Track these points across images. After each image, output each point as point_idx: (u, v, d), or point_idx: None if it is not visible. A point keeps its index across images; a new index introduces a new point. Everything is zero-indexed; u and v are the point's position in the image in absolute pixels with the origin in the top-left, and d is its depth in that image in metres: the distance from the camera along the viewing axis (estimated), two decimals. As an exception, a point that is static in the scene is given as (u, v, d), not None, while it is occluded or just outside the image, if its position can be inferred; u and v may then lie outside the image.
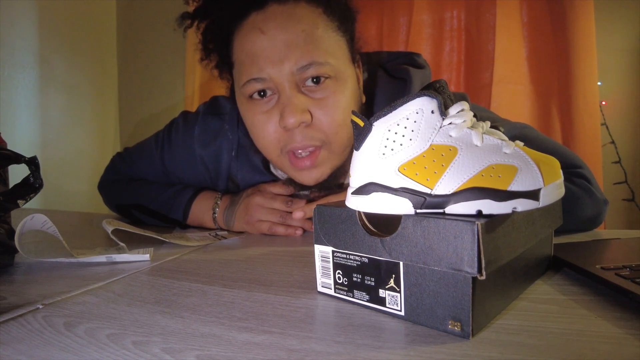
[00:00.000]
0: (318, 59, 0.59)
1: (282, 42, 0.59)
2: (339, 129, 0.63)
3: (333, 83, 0.62)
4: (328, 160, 0.65)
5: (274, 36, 0.59)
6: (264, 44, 0.60)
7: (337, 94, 0.62)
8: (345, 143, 0.65)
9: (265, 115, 0.63)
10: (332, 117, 0.62)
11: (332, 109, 0.62)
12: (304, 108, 0.60)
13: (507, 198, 0.30)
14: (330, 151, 0.65)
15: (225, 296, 0.40)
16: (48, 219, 0.50)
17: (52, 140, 1.69)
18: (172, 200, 0.77)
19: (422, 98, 0.32)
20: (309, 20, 0.60)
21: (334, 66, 0.61)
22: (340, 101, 0.62)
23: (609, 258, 0.45)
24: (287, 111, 0.59)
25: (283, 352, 0.29)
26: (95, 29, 1.92)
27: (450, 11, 1.52)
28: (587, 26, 1.31)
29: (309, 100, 0.61)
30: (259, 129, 0.65)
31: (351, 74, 0.66)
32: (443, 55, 1.53)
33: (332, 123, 0.62)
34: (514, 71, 1.41)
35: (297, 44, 0.59)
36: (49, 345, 0.30)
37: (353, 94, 0.65)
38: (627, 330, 0.30)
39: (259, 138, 0.66)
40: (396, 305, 0.34)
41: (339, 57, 0.63)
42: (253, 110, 0.64)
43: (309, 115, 0.61)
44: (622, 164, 1.39)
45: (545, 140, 0.69)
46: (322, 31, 0.61)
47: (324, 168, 0.65)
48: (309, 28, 0.60)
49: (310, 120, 0.61)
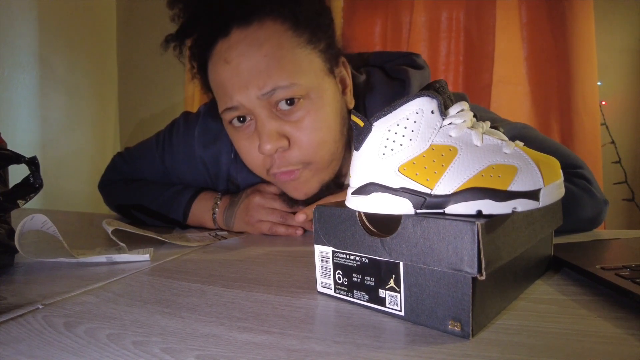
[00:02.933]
0: (281, 83, 0.57)
1: (244, 70, 0.58)
2: (318, 149, 0.62)
3: (307, 102, 0.60)
4: (312, 177, 0.64)
5: (237, 65, 0.58)
6: (228, 74, 0.59)
7: (313, 112, 0.60)
8: (327, 160, 0.64)
9: (247, 141, 0.63)
10: (309, 138, 0.60)
11: (309, 130, 0.60)
12: (279, 133, 0.59)
13: (507, 198, 0.30)
14: (313, 170, 0.64)
15: (225, 296, 0.40)
16: (48, 219, 0.50)
17: (52, 140, 1.69)
18: (172, 201, 0.77)
19: (422, 98, 0.32)
20: (272, 42, 0.58)
21: (303, 85, 0.59)
22: (318, 120, 0.61)
23: (609, 258, 0.45)
24: (263, 139, 0.59)
25: (283, 352, 0.29)
26: (95, 29, 1.92)
27: (450, 12, 1.52)
28: (587, 26, 1.31)
29: (284, 124, 0.60)
30: (244, 154, 0.66)
31: (328, 86, 0.63)
32: (443, 56, 1.53)
33: (310, 144, 0.61)
34: (514, 72, 1.41)
35: (259, 70, 0.57)
36: (49, 345, 0.30)
37: (332, 107, 0.63)
38: (627, 330, 0.30)
39: (246, 161, 0.67)
40: (396, 305, 0.34)
41: (308, 73, 0.60)
42: (236, 136, 0.65)
43: (285, 140, 0.60)
44: (622, 164, 1.39)
45: (545, 140, 0.69)
46: (286, 51, 0.59)
47: (310, 184, 0.65)
48: (271, 51, 0.58)
49: (287, 145, 0.60)
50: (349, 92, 0.68)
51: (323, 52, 0.63)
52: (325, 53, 0.63)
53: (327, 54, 0.63)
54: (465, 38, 1.52)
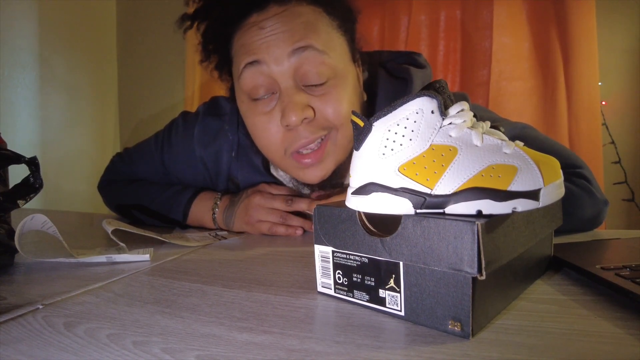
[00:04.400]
0: (316, 45, 0.59)
1: (280, 32, 0.59)
2: (344, 120, 0.62)
3: (334, 81, 0.62)
4: (333, 153, 0.64)
5: (273, 29, 0.59)
6: (260, 36, 0.59)
7: (339, 88, 0.62)
8: (349, 136, 0.64)
9: (267, 116, 0.62)
10: (335, 109, 0.61)
11: (335, 102, 0.61)
12: (305, 104, 0.60)
13: (507, 198, 0.30)
14: (335, 142, 0.64)
15: (225, 296, 0.40)
16: (48, 219, 0.50)
17: (52, 140, 1.69)
18: (171, 201, 0.77)
19: (422, 98, 0.32)
20: (309, 15, 0.61)
21: (333, 60, 0.61)
22: (343, 95, 0.62)
23: (609, 258, 0.45)
24: (289, 109, 0.59)
25: (283, 352, 0.29)
26: (95, 29, 1.92)
27: (447, 10, 1.52)
28: (588, 26, 1.31)
29: (309, 97, 0.61)
30: (260, 130, 0.64)
31: (352, 71, 0.66)
32: (441, 55, 1.53)
33: (335, 114, 0.61)
34: (514, 71, 1.41)
35: (296, 30, 0.59)
36: (49, 345, 0.30)
37: (354, 90, 0.65)
38: (627, 330, 0.30)
39: (261, 139, 0.65)
40: (396, 305, 0.34)
41: (339, 53, 0.63)
42: (254, 110, 0.64)
43: (311, 110, 0.60)
44: (622, 164, 1.39)
45: (546, 140, 0.69)
46: (322, 26, 0.61)
47: (328, 163, 0.65)
48: (309, 21, 0.60)
49: (312, 116, 0.61)
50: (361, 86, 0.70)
51: (349, 42, 0.66)
52: (350, 44, 0.66)
53: (351, 45, 0.67)
54: (463, 36, 1.52)
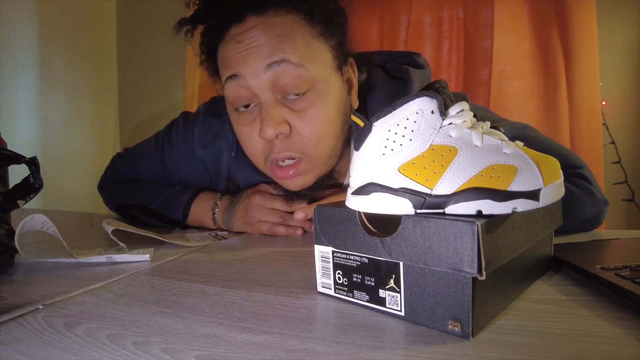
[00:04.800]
0: (291, 59, 0.58)
1: (255, 46, 0.58)
2: (318, 141, 0.62)
3: (314, 94, 0.60)
4: (310, 170, 0.65)
5: (248, 43, 0.59)
6: (237, 50, 0.59)
7: (317, 104, 0.61)
8: (326, 154, 0.64)
9: (249, 126, 0.63)
10: (311, 129, 0.61)
11: (312, 121, 0.61)
12: (281, 119, 0.60)
13: (507, 198, 0.30)
14: (311, 163, 0.64)
15: (225, 296, 0.40)
16: (48, 219, 0.50)
17: (52, 140, 1.69)
18: (171, 201, 0.77)
19: (422, 98, 0.32)
20: (286, 27, 0.59)
21: (311, 72, 0.59)
22: (321, 112, 0.61)
23: (609, 258, 0.45)
24: (265, 123, 0.59)
25: (283, 352, 0.29)
26: (95, 29, 1.92)
27: (448, 10, 1.52)
28: (589, 26, 1.31)
29: (288, 112, 0.60)
30: (244, 140, 0.66)
31: (335, 82, 0.63)
32: (442, 54, 1.53)
33: (311, 135, 0.61)
34: (515, 70, 1.41)
35: (270, 44, 0.58)
36: (49, 345, 0.30)
37: (336, 104, 0.63)
38: (627, 330, 0.30)
39: (246, 148, 0.67)
40: (396, 305, 0.34)
41: (318, 64, 0.61)
42: (238, 121, 0.65)
43: (287, 126, 0.60)
44: (622, 164, 1.39)
45: (546, 140, 0.69)
46: (300, 36, 0.59)
47: (307, 177, 0.65)
48: (285, 32, 0.59)
49: (288, 132, 0.60)
50: (354, 92, 0.69)
51: (334, 48, 0.64)
52: (336, 50, 0.64)
53: (337, 51, 0.64)
54: (463, 36, 1.51)
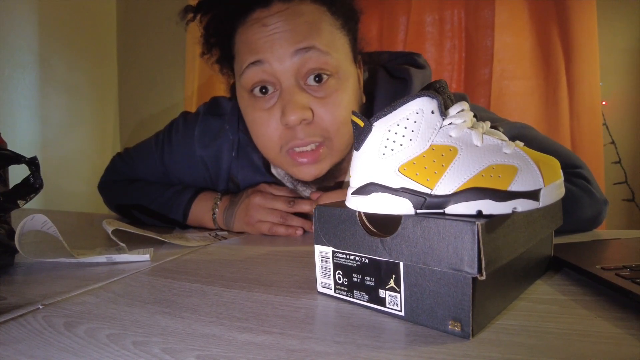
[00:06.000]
0: (319, 46, 0.60)
1: (283, 31, 0.59)
2: (340, 126, 0.63)
3: (335, 82, 0.62)
4: (329, 156, 0.65)
5: (275, 28, 0.60)
6: (263, 34, 0.60)
7: (339, 92, 0.62)
8: (346, 141, 0.65)
9: (267, 112, 0.63)
10: (333, 114, 0.62)
11: (334, 107, 0.62)
12: (305, 105, 0.60)
13: (507, 198, 0.30)
14: (331, 148, 0.65)
15: (225, 296, 0.40)
16: (48, 219, 0.50)
17: (52, 140, 1.69)
18: (172, 201, 0.77)
19: (422, 98, 0.32)
20: (313, 15, 0.61)
21: (336, 60, 0.61)
22: (342, 99, 0.63)
23: (609, 258, 0.45)
24: (289, 108, 0.60)
25: (283, 352, 0.29)
26: (95, 29, 1.92)
27: (448, 10, 1.52)
28: (589, 26, 1.31)
29: (310, 98, 0.61)
30: (259, 126, 0.65)
31: (353, 72, 0.66)
32: (443, 54, 1.53)
33: (333, 120, 0.62)
34: (515, 70, 1.41)
35: (299, 31, 0.60)
36: (49, 345, 0.30)
37: (354, 93, 0.66)
38: (627, 330, 0.30)
39: (259, 135, 0.66)
40: (396, 305, 0.34)
41: (341, 53, 0.63)
42: (254, 106, 0.64)
43: (310, 112, 0.61)
44: (622, 164, 1.39)
45: (545, 140, 0.69)
46: (326, 25, 0.62)
47: (323, 164, 0.65)
48: (312, 20, 0.61)
49: (311, 118, 0.61)
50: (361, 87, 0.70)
51: (351, 42, 0.66)
52: (352, 44, 0.67)
53: (353, 45, 0.67)
54: (464, 35, 1.51)
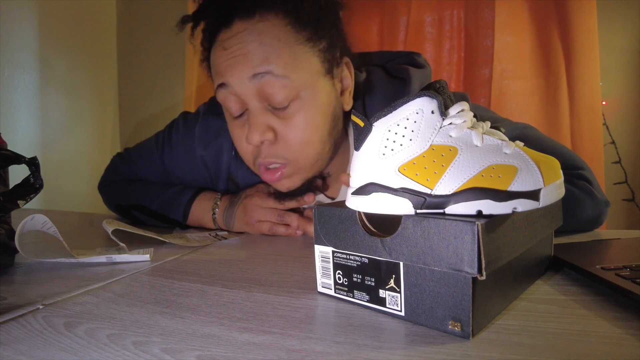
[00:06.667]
0: (276, 71, 0.58)
1: (240, 55, 0.59)
2: (303, 147, 0.62)
3: (298, 102, 0.60)
4: (296, 174, 0.65)
5: (234, 51, 0.59)
6: (226, 57, 0.60)
7: (302, 112, 0.61)
8: (312, 159, 0.64)
9: (240, 130, 0.65)
10: (295, 135, 0.61)
11: (296, 128, 0.61)
12: (266, 127, 0.60)
13: (507, 198, 0.30)
14: (296, 167, 0.64)
15: (225, 296, 0.40)
16: (48, 219, 0.50)
17: (52, 141, 1.69)
18: (172, 201, 0.77)
19: (422, 98, 0.32)
20: (272, 34, 0.59)
21: (296, 82, 0.59)
22: (306, 119, 0.61)
23: (609, 258, 0.45)
24: (251, 129, 0.60)
25: (283, 353, 0.29)
26: (95, 29, 1.92)
27: (448, 10, 1.52)
28: (589, 26, 1.31)
29: (274, 119, 0.61)
30: (236, 140, 0.67)
31: (323, 87, 0.62)
32: (443, 54, 1.53)
33: (296, 141, 0.61)
34: (515, 70, 1.41)
35: (254, 53, 0.58)
36: (49, 345, 0.30)
37: (323, 110, 0.63)
38: (627, 330, 0.30)
39: (237, 148, 0.68)
40: (396, 305, 0.34)
41: (303, 71, 0.60)
42: (231, 124, 0.67)
43: (272, 133, 0.61)
44: (622, 164, 1.39)
45: (546, 140, 0.69)
46: (285, 44, 0.59)
47: (293, 180, 0.66)
48: (270, 41, 0.58)
49: (273, 139, 0.61)
50: (348, 93, 0.67)
51: (323, 51, 0.62)
52: (326, 53, 0.63)
53: (328, 53, 0.63)
54: (465, 35, 1.51)
